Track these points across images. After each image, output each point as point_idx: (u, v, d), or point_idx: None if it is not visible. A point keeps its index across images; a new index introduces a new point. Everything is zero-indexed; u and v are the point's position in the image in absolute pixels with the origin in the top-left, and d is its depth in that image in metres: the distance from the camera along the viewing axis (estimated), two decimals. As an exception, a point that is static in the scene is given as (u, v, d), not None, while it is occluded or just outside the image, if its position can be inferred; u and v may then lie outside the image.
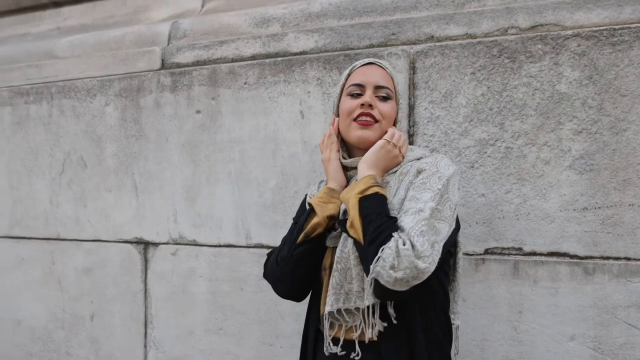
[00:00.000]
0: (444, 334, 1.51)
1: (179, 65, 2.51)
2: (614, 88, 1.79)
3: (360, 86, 1.58)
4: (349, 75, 1.64)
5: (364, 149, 1.56)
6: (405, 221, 1.33)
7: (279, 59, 2.28)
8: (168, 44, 2.63)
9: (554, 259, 1.84)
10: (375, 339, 1.43)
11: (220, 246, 2.35)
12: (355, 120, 1.56)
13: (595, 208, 1.80)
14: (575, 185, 1.82)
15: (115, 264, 2.57)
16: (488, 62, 1.94)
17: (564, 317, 1.82)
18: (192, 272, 2.40)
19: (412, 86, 2.04)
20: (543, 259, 1.85)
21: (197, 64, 2.47)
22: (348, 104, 1.59)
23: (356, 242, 1.39)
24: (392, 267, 1.27)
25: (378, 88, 1.57)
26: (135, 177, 2.53)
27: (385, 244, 1.30)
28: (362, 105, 1.55)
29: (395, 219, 1.36)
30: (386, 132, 1.55)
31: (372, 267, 1.31)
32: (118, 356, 2.56)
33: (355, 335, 1.46)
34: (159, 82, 2.50)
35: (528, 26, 1.93)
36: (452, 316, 1.66)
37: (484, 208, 1.93)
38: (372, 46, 2.16)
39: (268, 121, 2.27)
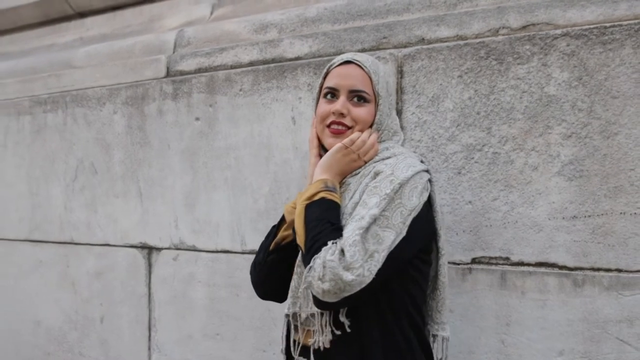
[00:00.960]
0: (409, 344, 1.44)
1: (182, 73, 2.55)
2: (605, 89, 1.69)
3: (334, 89, 1.53)
4: (326, 75, 1.59)
5: None
6: (347, 228, 1.30)
7: (272, 65, 2.28)
8: (173, 52, 2.67)
9: (542, 269, 1.75)
10: (328, 346, 1.40)
11: (217, 251, 2.37)
12: (328, 126, 1.54)
13: (585, 216, 1.70)
14: (564, 192, 1.73)
15: (122, 268, 2.63)
16: (475, 64, 1.87)
17: (552, 331, 1.73)
18: (191, 276, 2.43)
19: (400, 90, 2.00)
20: (530, 269, 1.77)
21: (199, 70, 2.50)
22: (322, 107, 1.56)
23: (301, 249, 1.37)
24: (320, 278, 1.25)
25: (352, 92, 1.52)
26: (139, 183, 2.59)
27: (317, 253, 1.27)
28: (334, 112, 1.52)
29: (337, 226, 1.33)
30: None
31: (304, 276, 1.29)
32: (125, 357, 2.62)
33: (311, 341, 1.44)
34: (161, 90, 2.54)
35: (519, 26, 1.85)
36: (436, 326, 1.60)
37: (471, 215, 1.86)
38: (363, 50, 2.12)
39: (261, 127, 2.28)
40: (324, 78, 1.59)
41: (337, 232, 1.31)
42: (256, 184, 2.28)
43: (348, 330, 1.39)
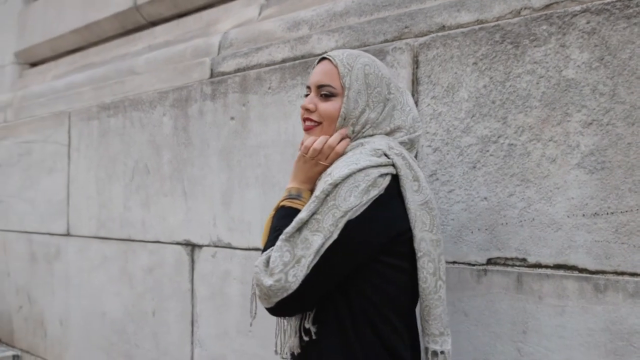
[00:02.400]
0: (369, 355, 1.34)
1: (223, 74, 2.61)
2: (629, 69, 1.49)
3: (308, 87, 1.54)
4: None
5: None
6: None
7: (297, 61, 2.26)
8: (218, 54, 2.74)
9: (561, 272, 1.58)
10: (298, 350, 1.40)
11: (249, 249, 2.39)
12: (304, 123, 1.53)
13: (607, 213, 1.51)
14: (584, 187, 1.55)
15: (170, 264, 2.73)
16: (490, 50, 1.73)
17: (572, 341, 1.56)
18: (227, 273, 2.47)
19: (415, 81, 1.90)
20: (548, 271, 1.60)
21: (238, 71, 2.55)
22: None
23: None
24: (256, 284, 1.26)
25: (319, 87, 1.49)
26: (184, 183, 2.68)
27: None
28: (303, 108, 1.52)
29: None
30: (330, 133, 1.47)
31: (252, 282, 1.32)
32: (172, 350, 2.72)
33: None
34: (202, 91, 2.62)
35: (542, 4, 1.69)
36: (426, 338, 1.45)
37: (486, 213, 1.72)
38: (386, 41, 2.05)
39: (287, 125, 2.27)
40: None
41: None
42: (284, 181, 2.27)
43: (314, 337, 1.37)
